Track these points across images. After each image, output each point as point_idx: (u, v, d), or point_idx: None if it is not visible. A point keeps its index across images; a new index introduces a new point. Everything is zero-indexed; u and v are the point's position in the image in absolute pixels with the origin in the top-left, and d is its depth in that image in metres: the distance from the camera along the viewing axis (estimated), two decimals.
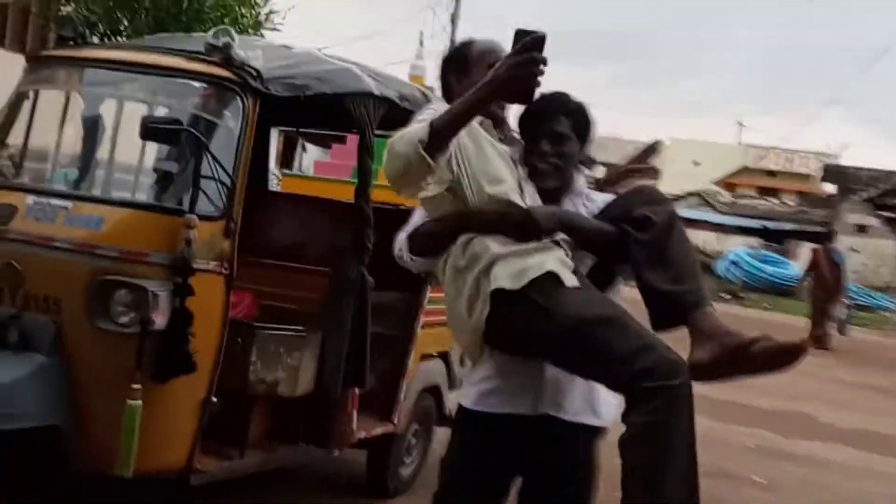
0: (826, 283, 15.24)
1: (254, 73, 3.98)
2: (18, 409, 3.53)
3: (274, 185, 7.56)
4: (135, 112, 4.22)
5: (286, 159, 17.15)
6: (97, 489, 3.80)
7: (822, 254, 15.63)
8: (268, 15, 10.43)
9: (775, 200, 35.90)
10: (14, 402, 3.54)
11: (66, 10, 5.21)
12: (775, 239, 29.50)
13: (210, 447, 4.10)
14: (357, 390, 4.55)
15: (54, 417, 3.63)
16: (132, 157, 4.53)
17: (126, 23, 8.60)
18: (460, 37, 3.11)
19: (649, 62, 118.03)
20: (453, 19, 26.08)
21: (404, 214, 2.97)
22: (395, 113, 4.67)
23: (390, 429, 4.99)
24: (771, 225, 29.11)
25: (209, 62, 4.01)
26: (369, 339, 4.43)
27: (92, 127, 4.55)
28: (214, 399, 3.90)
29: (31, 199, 3.92)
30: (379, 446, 5.07)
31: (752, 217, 30.46)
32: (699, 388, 2.39)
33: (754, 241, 29.60)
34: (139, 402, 3.58)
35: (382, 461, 5.19)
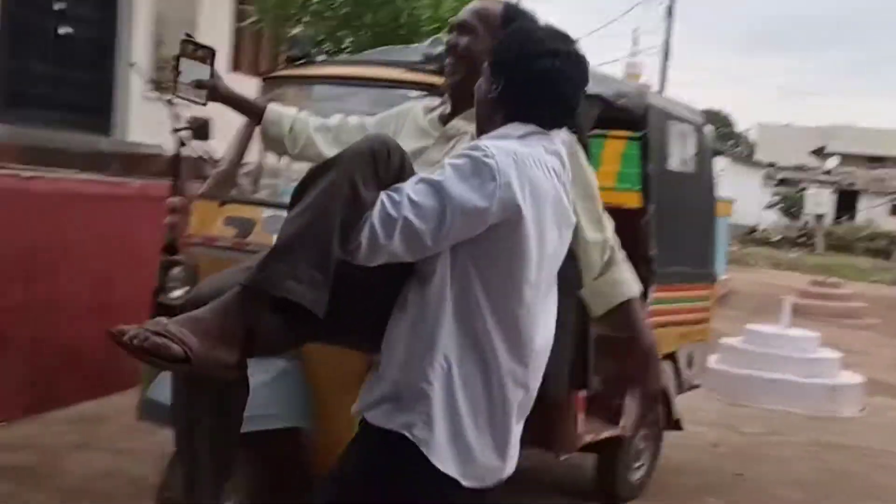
0: None
1: None
2: (263, 411, 3.70)
3: None
4: None
5: None
6: None
7: None
8: None
9: None
10: (259, 404, 3.73)
11: (295, 31, 5.51)
12: None
13: None
14: (582, 393, 4.51)
15: (296, 420, 3.82)
16: None
17: (349, 40, 8.95)
18: (677, 30, 2.86)
19: (884, 46, 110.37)
20: (669, 12, 25.49)
21: (623, 214, 2.92)
22: (611, 111, 4.61)
23: (618, 432, 4.91)
24: None
25: (426, 71, 4.10)
26: (592, 341, 4.38)
27: None
28: None
29: (266, 212, 4.13)
30: (607, 450, 5.01)
31: None
32: None
33: None
34: None
35: (611, 466, 5.12)
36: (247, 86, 8.23)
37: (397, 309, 2.09)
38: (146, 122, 11.15)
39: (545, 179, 2.05)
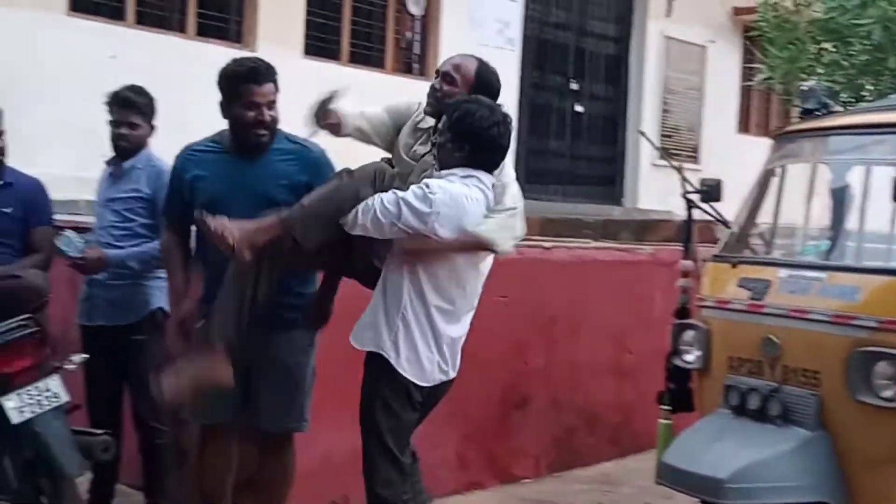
0: None
1: None
2: (782, 482, 3.54)
3: None
4: (884, 175, 4.03)
5: None
6: None
7: None
8: None
9: None
10: (778, 475, 3.56)
11: (809, 84, 5.27)
12: None
13: None
14: None
15: (820, 493, 3.56)
16: (884, 222, 4.32)
17: (869, 87, 8.39)
18: None
19: None
20: None
21: None
22: None
23: None
24: None
25: None
26: None
27: (840, 195, 4.46)
28: None
29: (783, 272, 3.95)
30: None
31: None
32: None
33: None
34: None
35: None
36: (757, 146, 8.08)
37: (380, 282, 3.36)
38: (655, 189, 11.42)
39: (472, 211, 3.28)
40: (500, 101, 3.50)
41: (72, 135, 6.78)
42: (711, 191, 4.38)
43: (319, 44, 8.91)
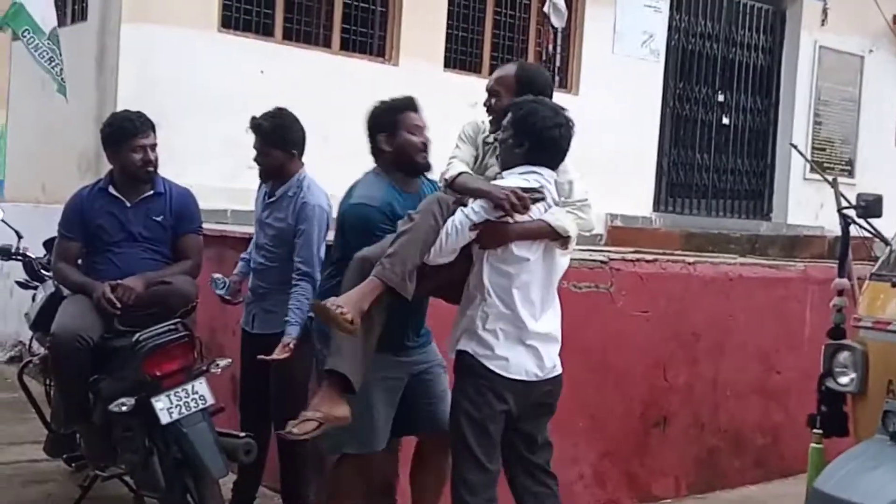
0: None
1: None
2: None
3: None
4: None
5: None
6: None
7: None
8: None
9: None
10: None
11: None
12: None
13: None
14: None
15: None
16: None
17: None
18: None
19: None
20: None
21: None
22: None
23: None
24: None
25: None
26: None
27: None
28: None
29: None
30: None
31: None
32: None
33: None
34: None
35: None
36: None
37: (466, 290, 3.42)
38: (805, 204, 10.99)
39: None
40: (638, 108, 3.43)
41: (221, 147, 7.00)
42: (870, 206, 4.17)
43: (460, 56, 8.96)
